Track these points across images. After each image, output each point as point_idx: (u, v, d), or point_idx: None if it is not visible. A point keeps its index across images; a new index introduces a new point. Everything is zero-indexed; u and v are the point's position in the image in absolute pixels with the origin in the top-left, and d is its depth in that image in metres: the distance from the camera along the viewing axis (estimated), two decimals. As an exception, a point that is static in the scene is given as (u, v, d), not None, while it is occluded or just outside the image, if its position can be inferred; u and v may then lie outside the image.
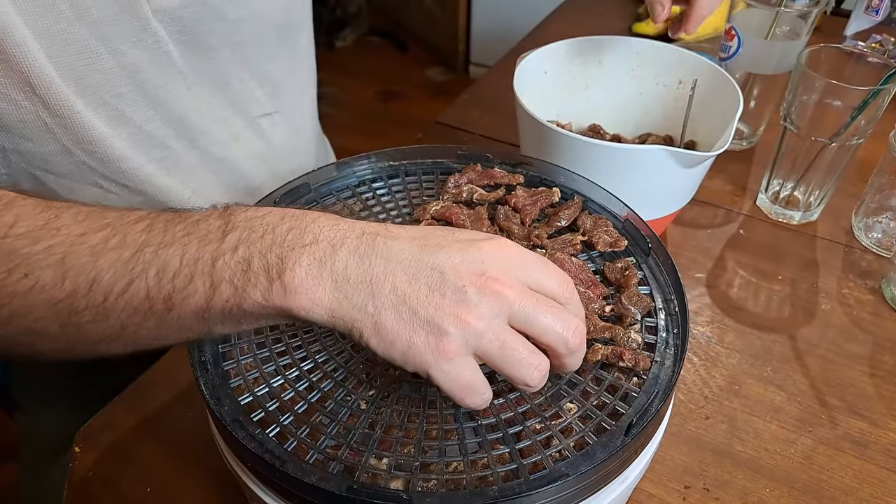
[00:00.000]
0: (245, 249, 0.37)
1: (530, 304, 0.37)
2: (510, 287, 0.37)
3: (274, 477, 0.40)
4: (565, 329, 0.38)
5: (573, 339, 0.38)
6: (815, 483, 0.54)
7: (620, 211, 0.56)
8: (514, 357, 0.37)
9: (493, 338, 0.37)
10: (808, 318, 0.67)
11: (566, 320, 0.38)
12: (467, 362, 0.37)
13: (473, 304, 0.36)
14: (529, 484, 0.39)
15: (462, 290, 0.36)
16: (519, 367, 0.37)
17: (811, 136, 0.72)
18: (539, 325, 0.38)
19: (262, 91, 0.70)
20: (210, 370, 0.45)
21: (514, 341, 0.37)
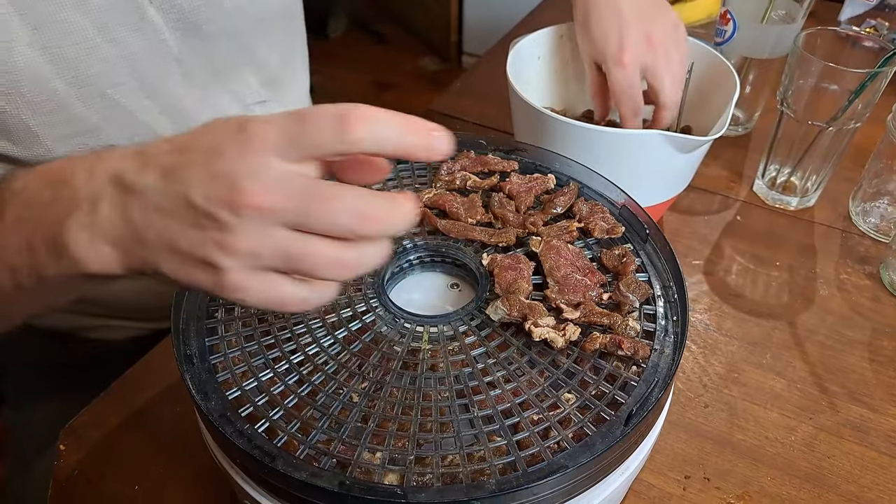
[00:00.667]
0: (22, 233, 0.36)
1: (298, 206, 0.32)
2: (268, 195, 0.32)
3: (263, 473, 0.39)
4: (351, 218, 0.32)
5: (363, 226, 0.33)
6: (817, 470, 0.53)
7: (617, 197, 0.55)
8: (306, 264, 0.33)
9: (270, 254, 0.33)
10: (807, 305, 0.66)
11: (350, 206, 0.32)
12: (263, 282, 0.34)
13: (234, 228, 0.32)
14: (527, 476, 0.38)
15: (216, 218, 0.32)
16: (315, 270, 0.33)
17: (808, 121, 0.71)
18: (318, 225, 0.33)
19: (256, 78, 0.69)
20: (196, 364, 0.43)
21: (296, 248, 0.33)
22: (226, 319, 0.46)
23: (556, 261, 0.49)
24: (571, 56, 0.77)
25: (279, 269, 0.34)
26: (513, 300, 0.46)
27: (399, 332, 0.46)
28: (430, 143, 0.33)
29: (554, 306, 0.47)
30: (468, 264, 0.51)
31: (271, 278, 0.34)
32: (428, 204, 0.54)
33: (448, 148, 0.34)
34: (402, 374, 0.43)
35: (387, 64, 2.69)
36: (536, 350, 0.44)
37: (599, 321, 0.45)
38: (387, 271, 0.50)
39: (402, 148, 0.33)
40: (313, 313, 0.46)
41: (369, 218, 0.33)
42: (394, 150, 0.33)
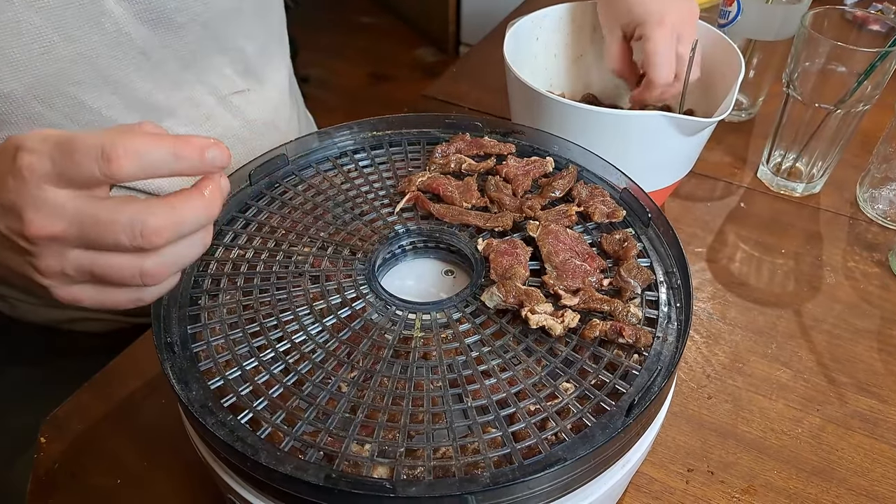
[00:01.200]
0: None
1: (80, 232, 0.33)
2: (47, 225, 0.33)
3: (245, 466, 0.37)
4: (130, 237, 0.33)
5: (146, 241, 0.33)
6: (825, 463, 0.51)
7: (618, 181, 0.53)
8: (112, 279, 0.34)
9: (77, 273, 0.34)
10: (813, 293, 0.64)
11: (126, 226, 0.33)
12: (89, 290, 0.36)
13: (36, 254, 0.34)
14: (524, 469, 0.36)
15: (19, 247, 0.34)
16: (126, 282, 0.35)
17: (815, 103, 0.69)
18: (106, 245, 0.33)
19: (232, 68, 0.67)
20: (178, 353, 0.41)
21: (97, 266, 0.34)
22: (209, 306, 0.44)
23: (554, 245, 0.47)
24: (571, 38, 0.75)
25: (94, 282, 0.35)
26: (509, 286, 0.44)
27: (390, 319, 0.44)
28: (203, 162, 0.34)
29: (552, 292, 0.45)
30: (463, 250, 0.49)
31: (95, 288, 0.36)
32: (421, 188, 0.52)
33: (225, 161, 0.34)
34: (392, 363, 0.41)
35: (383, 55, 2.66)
36: (533, 338, 0.42)
37: (599, 308, 0.43)
38: (377, 257, 0.48)
39: (176, 172, 0.33)
40: (301, 301, 0.44)
41: (149, 233, 0.33)
42: (166, 174, 0.33)
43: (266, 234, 0.49)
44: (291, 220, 0.50)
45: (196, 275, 0.46)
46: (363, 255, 0.48)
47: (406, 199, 0.51)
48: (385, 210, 0.52)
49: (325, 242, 0.49)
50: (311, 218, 0.51)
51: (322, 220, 0.51)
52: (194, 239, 0.35)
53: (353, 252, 0.48)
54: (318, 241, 0.49)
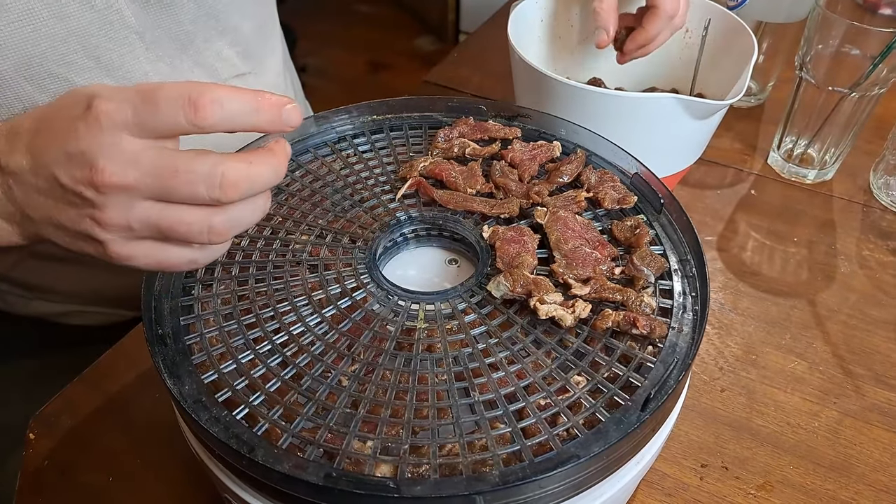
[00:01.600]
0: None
1: (155, 182, 0.33)
2: (121, 174, 0.32)
3: (241, 465, 0.35)
4: (208, 188, 0.33)
5: (224, 193, 0.33)
6: (843, 459, 0.49)
7: (628, 165, 0.51)
8: (179, 233, 0.34)
9: (141, 227, 0.34)
10: (828, 282, 0.62)
11: (206, 176, 0.32)
12: (144, 251, 0.35)
13: (101, 205, 0.33)
14: (534, 468, 0.34)
15: (84, 196, 0.33)
16: (189, 237, 0.34)
17: (829, 87, 0.67)
18: (180, 197, 0.33)
19: (233, 50, 0.64)
20: (169, 345, 0.39)
21: (165, 220, 0.34)
22: (203, 297, 0.42)
23: (563, 233, 0.45)
24: (576, 21, 0.72)
25: (156, 238, 0.35)
26: (516, 275, 0.42)
27: (392, 309, 0.42)
28: (280, 118, 0.34)
29: (561, 281, 0.43)
30: (467, 237, 0.47)
31: (153, 246, 0.35)
32: (424, 173, 0.50)
33: (298, 120, 0.34)
34: (395, 356, 0.39)
35: (382, 44, 2.63)
36: (542, 329, 0.41)
37: (611, 297, 0.42)
38: (378, 245, 0.46)
39: (254, 125, 0.33)
40: (299, 291, 0.42)
41: (227, 185, 0.33)
42: (245, 127, 0.33)
43: (262, 222, 0.47)
44: (289, 207, 0.48)
45: (189, 264, 0.44)
46: (363, 243, 0.46)
47: (408, 185, 0.49)
48: (386, 196, 0.50)
49: (324, 230, 0.47)
50: (308, 205, 0.49)
51: (320, 206, 0.49)
52: (258, 201, 0.35)
53: (353, 240, 0.46)
54: (317, 228, 0.47)
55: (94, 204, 0.33)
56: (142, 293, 0.41)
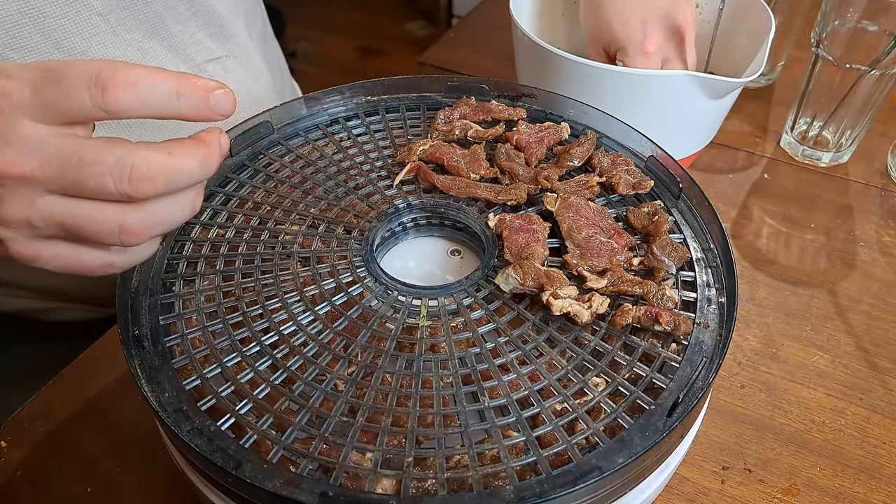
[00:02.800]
0: None
1: (57, 173, 0.29)
2: (20, 164, 0.29)
3: (226, 482, 0.31)
4: (116, 181, 0.29)
5: (134, 187, 0.29)
6: (872, 458, 0.46)
7: (642, 148, 0.48)
8: (88, 232, 0.30)
9: (45, 224, 0.30)
10: (848, 271, 0.59)
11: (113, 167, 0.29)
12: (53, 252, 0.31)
13: (2, 200, 0.29)
14: (553, 482, 0.31)
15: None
16: (99, 238, 0.31)
17: (846, 64, 0.63)
18: (86, 191, 0.29)
19: (206, 32, 0.60)
20: (148, 348, 0.36)
21: (70, 218, 0.30)
22: (185, 294, 0.39)
23: (575, 220, 0.42)
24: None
25: (64, 238, 0.31)
26: (526, 267, 0.38)
27: (392, 306, 0.38)
28: (206, 104, 0.30)
29: (575, 273, 0.39)
30: (472, 226, 0.44)
31: (63, 245, 0.31)
32: (423, 157, 0.47)
33: (230, 108, 0.31)
34: (396, 357, 0.36)
35: (373, 29, 2.57)
36: (556, 326, 0.37)
37: (630, 290, 0.38)
38: (375, 235, 0.43)
39: (174, 111, 0.30)
40: (289, 286, 0.39)
41: (138, 178, 0.29)
42: (164, 113, 0.30)
43: (249, 212, 0.44)
44: (278, 195, 0.45)
45: (170, 257, 0.41)
46: (359, 233, 0.42)
47: (406, 171, 0.46)
48: (383, 183, 0.46)
49: (316, 220, 0.43)
50: (299, 192, 0.45)
51: (312, 194, 0.45)
52: (184, 198, 0.32)
53: (348, 230, 0.43)
54: (308, 218, 0.43)
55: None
56: (117, 290, 0.38)
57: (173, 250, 0.41)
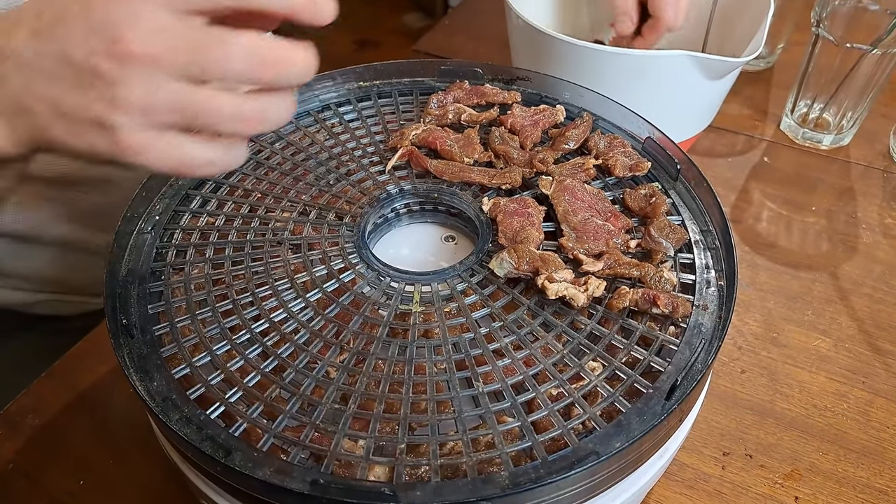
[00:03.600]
0: None
1: (187, 54, 0.29)
2: (151, 43, 0.29)
3: (216, 471, 0.31)
4: (247, 63, 0.30)
5: (263, 72, 0.30)
6: (876, 443, 0.46)
7: (639, 130, 0.47)
8: (206, 119, 0.31)
9: (165, 109, 0.30)
10: (850, 254, 0.58)
11: (243, 51, 0.30)
12: (166, 141, 0.31)
13: (121, 82, 0.29)
14: (548, 467, 0.30)
15: (101, 73, 0.29)
16: (218, 125, 0.31)
17: (847, 44, 0.62)
18: (213, 73, 0.30)
19: None
20: (136, 337, 0.35)
21: (193, 103, 0.30)
22: (174, 282, 0.38)
23: (571, 203, 0.41)
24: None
25: (178, 127, 0.31)
26: (521, 251, 0.37)
27: (384, 292, 0.38)
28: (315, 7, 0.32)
29: (571, 257, 0.39)
30: (465, 211, 0.43)
31: (172, 137, 0.31)
32: (416, 142, 0.46)
33: (331, 13, 0.32)
34: (388, 343, 0.35)
35: (368, 21, 2.56)
36: (552, 310, 0.37)
37: (627, 273, 0.37)
38: (368, 222, 0.42)
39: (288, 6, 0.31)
40: (280, 273, 0.38)
41: (265, 63, 0.30)
42: (279, 7, 0.31)
43: (239, 199, 0.43)
44: (268, 182, 0.44)
45: (158, 245, 0.40)
46: (351, 219, 0.42)
47: (398, 156, 0.45)
48: (375, 169, 0.45)
49: (307, 206, 0.42)
50: (290, 179, 0.44)
51: (303, 181, 0.44)
52: (287, 98, 0.32)
53: (340, 217, 0.42)
54: (299, 204, 0.42)
55: (113, 80, 0.29)
56: (105, 279, 0.37)
57: (162, 239, 0.40)
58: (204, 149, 0.32)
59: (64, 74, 0.30)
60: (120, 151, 0.31)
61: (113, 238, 0.39)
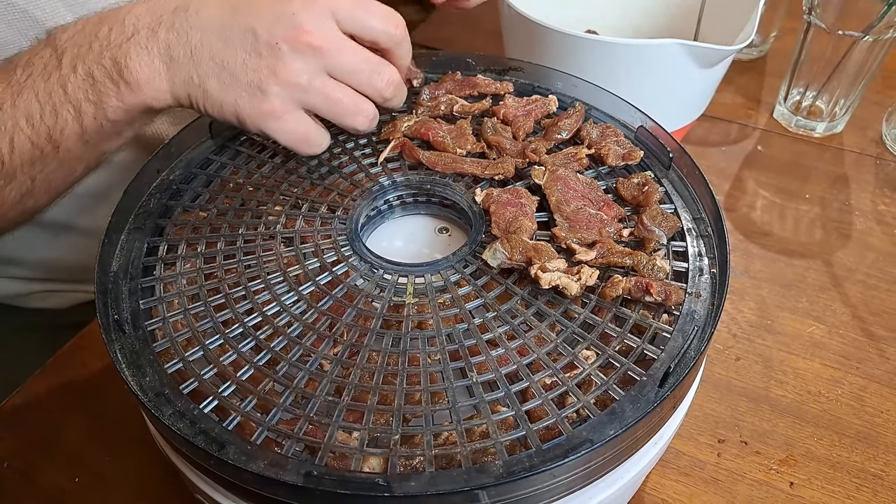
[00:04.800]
0: (83, 66, 0.39)
1: (347, 58, 0.39)
2: (324, 39, 0.38)
3: (209, 465, 0.31)
4: (381, 80, 0.40)
5: (387, 90, 0.40)
6: (870, 428, 0.46)
7: (631, 119, 0.47)
8: (340, 108, 0.39)
9: (314, 92, 0.38)
10: (844, 241, 0.58)
11: (382, 71, 0.40)
12: (298, 117, 0.39)
13: (289, 61, 0.37)
14: (543, 455, 0.30)
15: (276, 49, 0.37)
16: (345, 116, 0.40)
17: (839, 31, 0.62)
18: (356, 78, 0.39)
19: None
20: (128, 332, 0.35)
21: (336, 93, 0.39)
22: (166, 277, 0.38)
23: (564, 193, 0.41)
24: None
25: (312, 110, 0.39)
26: (514, 241, 0.37)
27: (378, 284, 0.38)
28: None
29: (564, 246, 0.38)
30: (459, 203, 0.43)
31: (303, 116, 0.39)
32: (408, 133, 0.46)
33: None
34: (382, 335, 0.35)
35: (364, 14, 2.55)
36: (545, 299, 0.36)
37: (620, 262, 0.37)
38: (360, 214, 0.42)
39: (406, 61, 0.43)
40: (273, 267, 0.38)
41: (390, 85, 0.40)
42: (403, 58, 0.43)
43: (231, 193, 0.43)
44: (260, 176, 0.44)
45: (150, 240, 0.40)
46: (343, 212, 0.42)
47: (391, 147, 0.45)
48: (367, 161, 0.45)
49: (300, 199, 0.42)
50: (282, 172, 0.44)
51: (295, 173, 0.44)
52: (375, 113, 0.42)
53: (332, 209, 0.42)
54: (291, 198, 0.42)
55: (283, 57, 0.37)
56: (96, 275, 0.37)
57: (154, 233, 0.40)
58: (319, 132, 0.40)
59: (244, 43, 0.38)
60: (260, 114, 0.38)
61: (104, 234, 0.39)
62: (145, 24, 0.39)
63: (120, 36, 0.39)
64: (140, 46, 0.38)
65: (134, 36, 0.39)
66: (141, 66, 0.38)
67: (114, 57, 0.39)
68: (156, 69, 0.39)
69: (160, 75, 0.39)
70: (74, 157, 0.42)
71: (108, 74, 0.39)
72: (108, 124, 0.40)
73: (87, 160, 0.43)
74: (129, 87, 0.39)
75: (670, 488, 0.43)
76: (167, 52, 0.38)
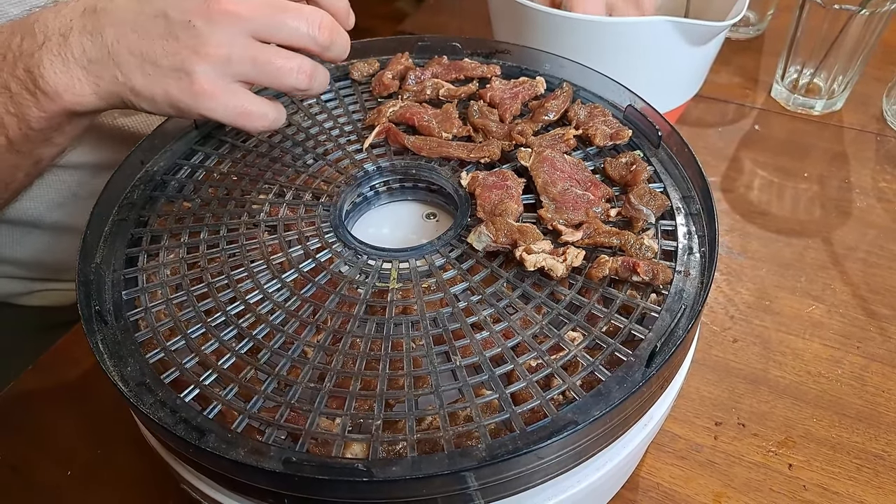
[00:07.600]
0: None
1: (266, 14, 0.36)
2: (237, 2, 0.36)
3: (189, 453, 0.30)
4: (310, 27, 0.37)
5: (321, 35, 0.37)
6: (871, 407, 0.45)
7: (620, 99, 0.46)
8: (272, 69, 0.37)
9: (240, 60, 0.36)
10: (843, 219, 0.57)
11: (308, 17, 0.37)
12: (233, 91, 0.37)
13: (207, 35, 0.36)
14: (526, 438, 0.29)
15: (191, 26, 0.36)
16: (280, 76, 0.37)
17: (835, 5, 0.61)
18: (282, 32, 0.37)
19: None
20: (110, 323, 0.35)
21: (263, 55, 0.37)
22: (148, 267, 0.38)
23: (550, 174, 0.40)
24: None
25: (245, 80, 0.37)
26: (498, 223, 0.37)
27: (361, 270, 0.37)
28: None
29: (550, 228, 0.38)
30: (445, 187, 0.42)
31: (238, 89, 0.37)
32: (393, 119, 0.45)
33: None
34: (366, 321, 0.35)
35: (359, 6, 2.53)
36: (531, 282, 0.36)
37: (607, 242, 0.37)
38: (345, 201, 0.41)
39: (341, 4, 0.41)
40: (256, 255, 0.38)
41: (323, 26, 0.37)
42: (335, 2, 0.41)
43: (215, 182, 0.42)
44: (244, 165, 0.43)
45: (133, 231, 0.39)
46: (328, 199, 0.41)
47: (375, 133, 0.44)
48: (352, 147, 0.45)
49: (284, 187, 0.42)
50: (266, 160, 0.44)
51: (280, 162, 0.44)
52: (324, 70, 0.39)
53: (316, 196, 0.41)
54: (276, 186, 0.42)
55: (200, 34, 0.35)
56: (77, 264, 0.37)
57: (137, 224, 0.40)
58: (261, 102, 0.38)
59: (157, 29, 0.36)
60: (192, 96, 0.36)
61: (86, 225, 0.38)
62: (55, 30, 0.38)
63: (31, 45, 0.38)
64: (53, 54, 0.37)
65: (45, 44, 0.38)
66: (56, 73, 0.37)
67: (27, 67, 0.38)
68: (73, 76, 0.37)
69: (80, 81, 0.38)
70: (8, 165, 0.42)
71: (24, 86, 0.38)
72: (34, 133, 0.40)
73: (23, 167, 0.43)
74: (48, 96, 0.38)
75: (666, 472, 0.42)
76: (83, 56, 0.37)
